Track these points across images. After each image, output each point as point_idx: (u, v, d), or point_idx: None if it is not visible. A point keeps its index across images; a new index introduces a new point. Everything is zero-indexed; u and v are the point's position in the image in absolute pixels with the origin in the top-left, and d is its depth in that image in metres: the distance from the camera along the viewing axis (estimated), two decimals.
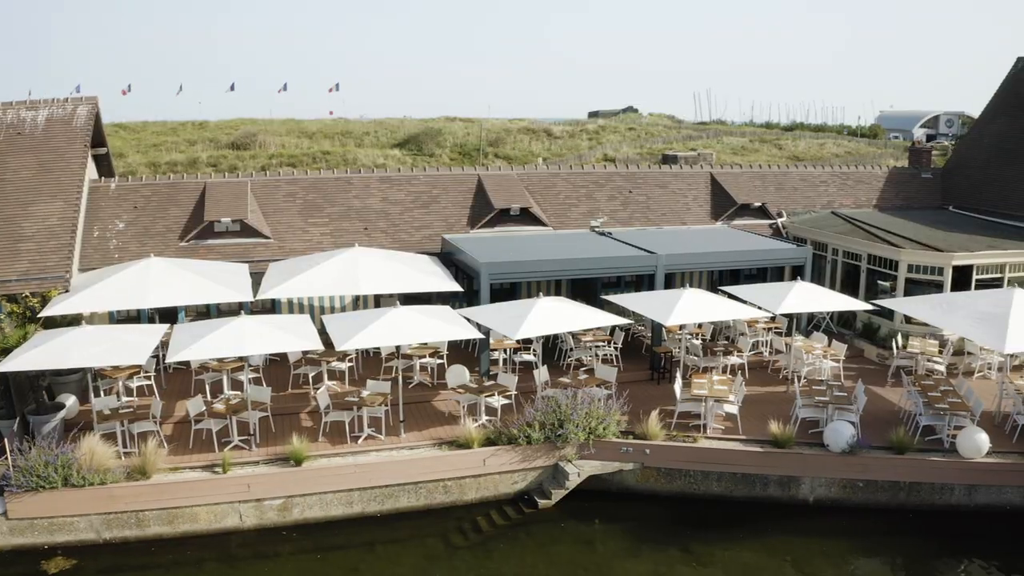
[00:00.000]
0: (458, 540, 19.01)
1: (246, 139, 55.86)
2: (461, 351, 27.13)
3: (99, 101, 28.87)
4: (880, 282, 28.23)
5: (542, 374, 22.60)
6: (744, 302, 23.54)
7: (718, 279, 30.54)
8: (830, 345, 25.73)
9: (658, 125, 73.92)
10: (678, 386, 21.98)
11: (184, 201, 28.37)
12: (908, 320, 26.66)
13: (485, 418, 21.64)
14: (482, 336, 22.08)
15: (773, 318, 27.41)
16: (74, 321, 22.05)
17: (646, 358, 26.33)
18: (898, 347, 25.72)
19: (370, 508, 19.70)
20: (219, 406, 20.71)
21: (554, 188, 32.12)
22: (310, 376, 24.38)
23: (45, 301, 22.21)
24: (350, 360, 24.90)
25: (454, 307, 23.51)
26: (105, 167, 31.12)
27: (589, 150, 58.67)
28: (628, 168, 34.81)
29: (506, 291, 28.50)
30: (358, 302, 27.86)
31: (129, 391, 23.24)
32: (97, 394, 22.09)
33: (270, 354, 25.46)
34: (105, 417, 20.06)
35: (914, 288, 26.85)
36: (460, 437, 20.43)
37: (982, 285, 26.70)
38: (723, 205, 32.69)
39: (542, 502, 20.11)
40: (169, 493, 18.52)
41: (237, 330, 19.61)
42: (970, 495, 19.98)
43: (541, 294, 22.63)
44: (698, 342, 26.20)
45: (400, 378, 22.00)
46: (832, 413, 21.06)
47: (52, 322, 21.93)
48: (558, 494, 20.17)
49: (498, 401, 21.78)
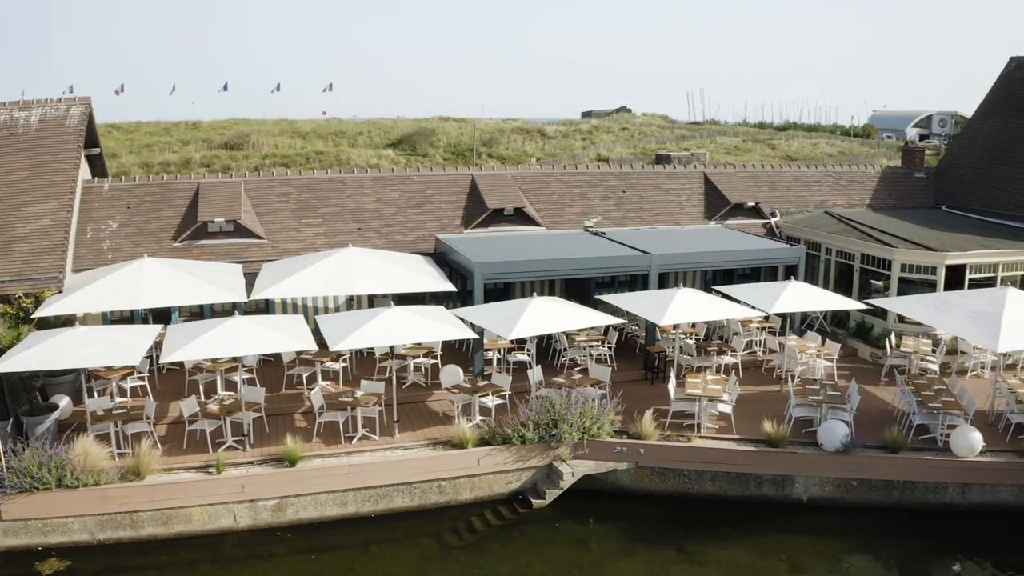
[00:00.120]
0: (452, 540, 19.01)
1: (239, 139, 55.68)
2: (455, 351, 27.13)
3: (92, 101, 28.83)
4: (873, 281, 28.28)
5: (536, 374, 22.61)
6: (738, 302, 23.58)
7: (712, 279, 30.58)
8: (824, 344, 25.78)
9: (651, 125, 73.81)
10: (672, 386, 22.00)
11: (177, 201, 28.33)
12: (901, 319, 26.73)
13: (479, 418, 21.64)
14: (476, 336, 22.08)
15: (767, 317, 27.47)
16: (67, 322, 22.04)
17: (640, 358, 26.36)
18: (891, 346, 25.77)
19: (364, 508, 19.69)
20: (213, 407, 20.69)
21: (548, 188, 32.14)
22: (304, 376, 24.36)
23: (38, 302, 22.19)
24: (344, 360, 24.88)
25: (448, 307, 23.53)
26: (98, 167, 31.06)
27: (583, 150, 58.59)
28: (622, 168, 34.83)
29: (500, 291, 28.52)
30: (352, 302, 27.85)
31: (123, 392, 23.20)
32: (91, 395, 22.05)
33: (264, 354, 25.45)
34: (99, 418, 20.03)
35: (907, 287, 26.91)
36: (454, 437, 20.42)
37: (975, 284, 26.78)
38: (717, 205, 32.73)
39: (536, 502, 20.13)
40: (163, 494, 18.49)
41: (231, 330, 19.59)
42: (964, 494, 20.04)
43: (535, 294, 22.64)
44: (692, 342, 26.22)
45: (394, 378, 22.01)
46: (826, 412, 21.10)
47: (45, 323, 21.90)
48: (552, 494, 20.19)
49: (492, 401, 21.78)
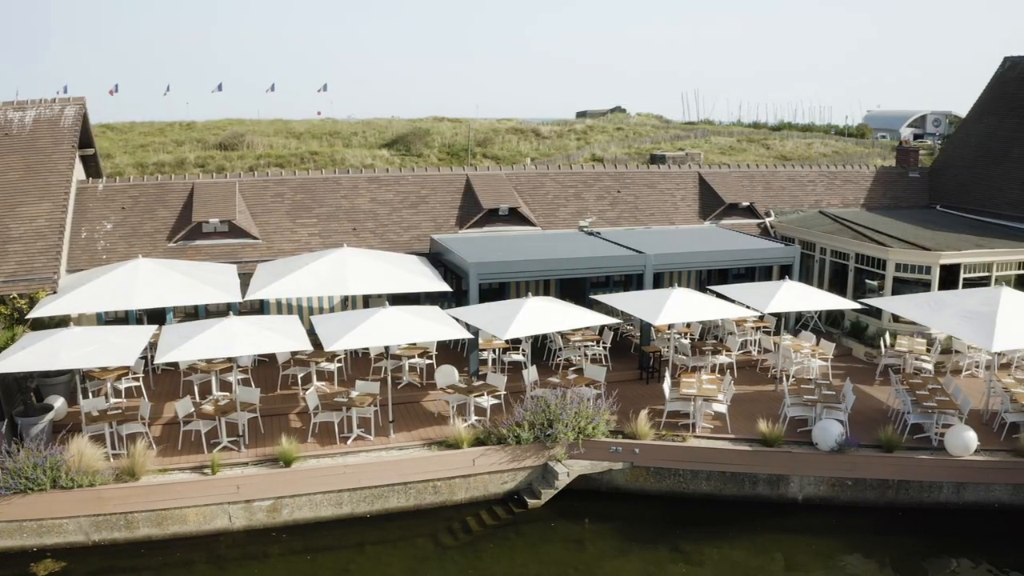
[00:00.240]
0: (448, 540, 19.01)
1: (234, 139, 55.65)
2: (450, 351, 27.12)
3: (86, 102, 28.79)
4: (868, 281, 28.33)
5: (531, 374, 22.62)
6: (733, 301, 23.61)
7: (706, 278, 30.60)
8: (818, 344, 25.80)
9: (646, 125, 73.94)
10: (667, 385, 22.01)
11: (172, 202, 28.29)
12: (896, 319, 26.76)
13: (474, 418, 21.64)
14: (471, 336, 22.08)
15: (761, 317, 27.49)
16: (62, 322, 22.01)
17: (635, 358, 26.37)
18: (886, 346, 25.81)
19: (360, 509, 19.68)
20: (208, 407, 20.66)
21: (542, 188, 32.14)
22: (299, 377, 24.34)
23: (33, 302, 22.15)
24: (339, 361, 24.87)
25: (443, 307, 23.51)
26: (93, 168, 31.02)
27: (577, 150, 58.64)
28: (616, 168, 34.85)
29: (495, 291, 28.51)
30: (347, 302, 27.83)
31: (117, 392, 23.17)
32: (85, 396, 22.01)
33: (259, 355, 25.41)
34: (93, 419, 19.99)
35: (902, 287, 26.95)
36: (449, 437, 20.41)
37: (970, 284, 26.83)
38: (711, 205, 32.76)
39: (532, 502, 20.12)
40: (158, 495, 18.46)
41: (226, 331, 19.57)
42: (958, 493, 20.07)
43: (530, 294, 22.66)
44: (687, 341, 26.25)
45: (389, 378, 22.00)
46: (820, 412, 21.13)
47: (40, 323, 21.86)
48: (548, 494, 20.19)
49: (487, 401, 21.78)
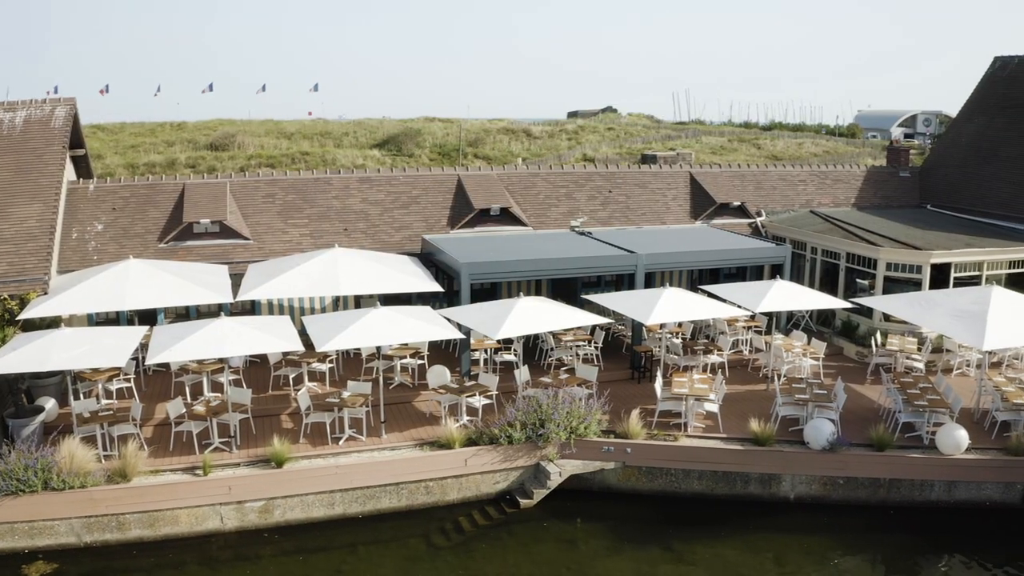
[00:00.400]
0: (440, 541, 19.00)
1: (225, 140, 55.51)
2: (442, 351, 27.11)
3: (77, 102, 28.72)
4: (859, 280, 28.39)
5: (523, 374, 22.63)
6: (724, 301, 23.64)
7: (698, 278, 30.63)
8: (809, 343, 25.88)
9: (637, 125, 73.94)
10: (659, 385, 22.04)
11: (163, 202, 28.23)
12: (887, 318, 26.84)
13: (466, 418, 21.63)
14: (463, 336, 22.08)
15: (753, 317, 27.54)
16: (53, 323, 21.95)
17: (627, 357, 26.40)
18: (877, 345, 25.88)
19: (352, 509, 19.66)
20: (199, 408, 20.63)
21: (534, 188, 32.16)
22: (290, 377, 24.31)
23: (24, 303, 22.08)
24: (331, 361, 24.83)
25: (434, 307, 23.52)
26: (83, 168, 30.95)
27: (568, 150, 58.65)
28: (608, 168, 34.88)
29: (486, 291, 28.52)
30: (338, 303, 27.80)
31: (109, 394, 23.11)
32: (77, 397, 21.94)
33: (250, 356, 25.39)
34: (85, 420, 19.94)
35: (893, 286, 27.02)
36: (441, 437, 20.41)
37: (960, 283, 26.92)
38: (702, 204, 32.80)
39: (524, 502, 20.13)
40: (150, 496, 18.42)
41: (217, 331, 19.53)
42: (950, 491, 20.14)
43: (521, 294, 22.65)
44: (678, 341, 26.27)
45: (381, 379, 21.99)
46: (812, 411, 21.17)
47: (31, 324, 21.79)
48: (540, 494, 20.20)
49: (479, 401, 21.78)
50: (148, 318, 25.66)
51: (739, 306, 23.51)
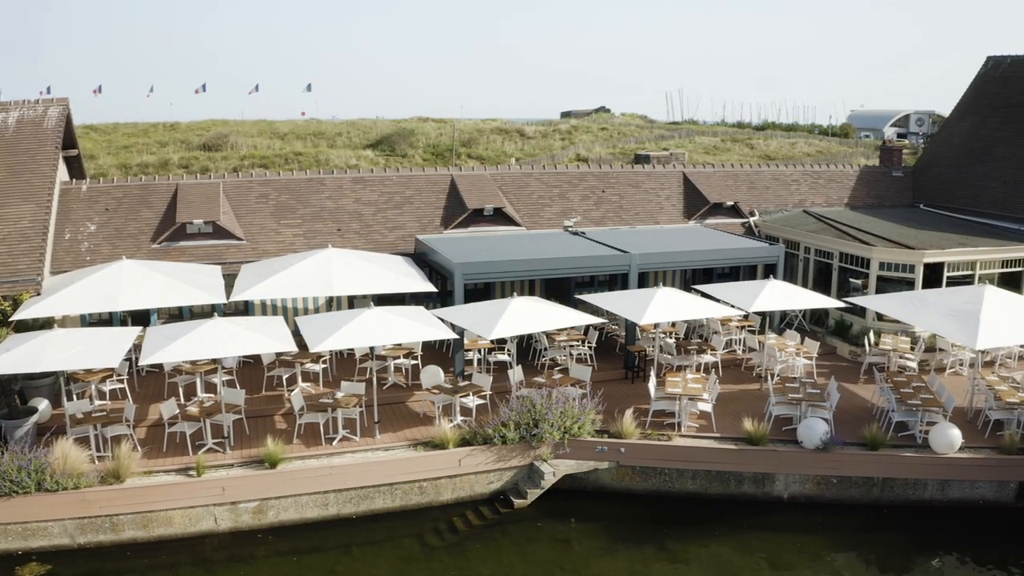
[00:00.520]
0: (434, 541, 18.99)
1: (218, 140, 55.44)
2: (435, 352, 27.10)
3: (70, 102, 28.65)
4: (852, 280, 28.45)
5: (516, 374, 22.62)
6: (717, 301, 23.67)
7: (691, 278, 30.68)
8: (803, 343, 25.91)
9: (630, 125, 74.01)
10: (652, 385, 22.06)
11: (156, 203, 28.18)
12: (880, 317, 26.89)
13: (460, 418, 21.63)
14: (456, 336, 22.06)
15: (746, 316, 27.57)
16: (46, 324, 21.89)
17: (620, 357, 26.41)
18: (870, 344, 25.92)
19: (345, 510, 19.65)
20: (193, 409, 20.60)
21: (527, 188, 32.16)
22: (284, 378, 24.28)
23: (17, 304, 22.03)
24: (324, 362, 24.82)
25: (428, 307, 23.50)
26: (76, 169, 30.87)
27: (562, 150, 58.68)
28: (601, 168, 34.89)
29: (480, 291, 28.51)
30: (332, 303, 27.78)
31: (102, 394, 23.07)
32: (70, 398, 21.90)
33: (244, 356, 25.35)
34: (78, 421, 19.90)
35: (886, 286, 27.08)
36: (435, 438, 20.40)
37: (953, 282, 26.99)
38: (696, 204, 32.83)
39: (518, 502, 20.13)
40: (143, 497, 18.39)
41: (210, 332, 19.50)
42: (943, 490, 20.18)
43: (515, 294, 22.65)
44: (672, 341, 26.30)
45: (374, 379, 21.95)
46: (805, 410, 21.20)
47: (24, 325, 21.75)
48: (534, 493, 20.20)
49: (473, 401, 21.78)
50: (141, 319, 25.62)
51: (732, 306, 23.52)
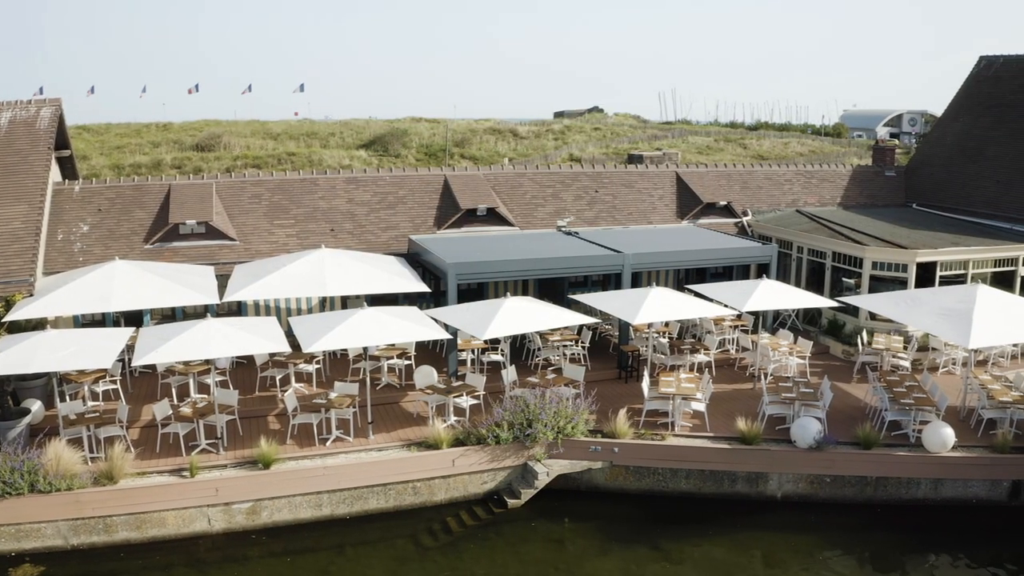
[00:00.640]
0: (428, 541, 18.99)
1: (210, 141, 55.40)
2: (429, 352, 27.09)
3: (62, 103, 28.60)
4: (845, 279, 28.50)
5: (510, 374, 22.63)
6: (711, 300, 23.70)
7: (684, 278, 30.68)
8: (796, 342, 25.95)
9: (624, 125, 74.11)
10: (646, 384, 22.07)
11: (149, 203, 28.13)
12: (873, 317, 26.94)
13: (454, 418, 21.62)
14: (450, 336, 22.06)
15: (739, 316, 27.61)
16: (39, 325, 21.83)
17: (614, 357, 26.42)
18: (863, 343, 25.96)
19: (339, 510, 19.63)
20: (186, 409, 20.56)
21: (520, 188, 32.16)
22: (277, 378, 24.25)
23: (9, 305, 21.97)
24: (317, 362, 24.79)
25: (421, 308, 23.50)
26: (69, 169, 30.82)
27: (555, 150, 58.74)
28: (594, 168, 34.92)
29: (473, 291, 28.52)
30: (325, 304, 27.76)
31: (95, 395, 23.03)
32: (63, 399, 21.86)
33: (237, 357, 25.31)
34: (71, 422, 19.85)
35: (878, 285, 27.13)
36: (429, 438, 20.39)
37: (946, 281, 27.05)
38: (689, 204, 32.87)
39: (511, 502, 20.13)
40: (137, 498, 18.35)
41: (203, 333, 19.46)
42: (936, 489, 20.22)
43: (508, 294, 22.65)
44: (665, 340, 26.31)
45: (368, 379, 21.95)
46: (799, 409, 21.24)
47: (16, 326, 21.68)
48: (527, 493, 20.20)
49: (466, 401, 21.77)
50: (134, 319, 25.58)
51: (726, 305, 23.56)
